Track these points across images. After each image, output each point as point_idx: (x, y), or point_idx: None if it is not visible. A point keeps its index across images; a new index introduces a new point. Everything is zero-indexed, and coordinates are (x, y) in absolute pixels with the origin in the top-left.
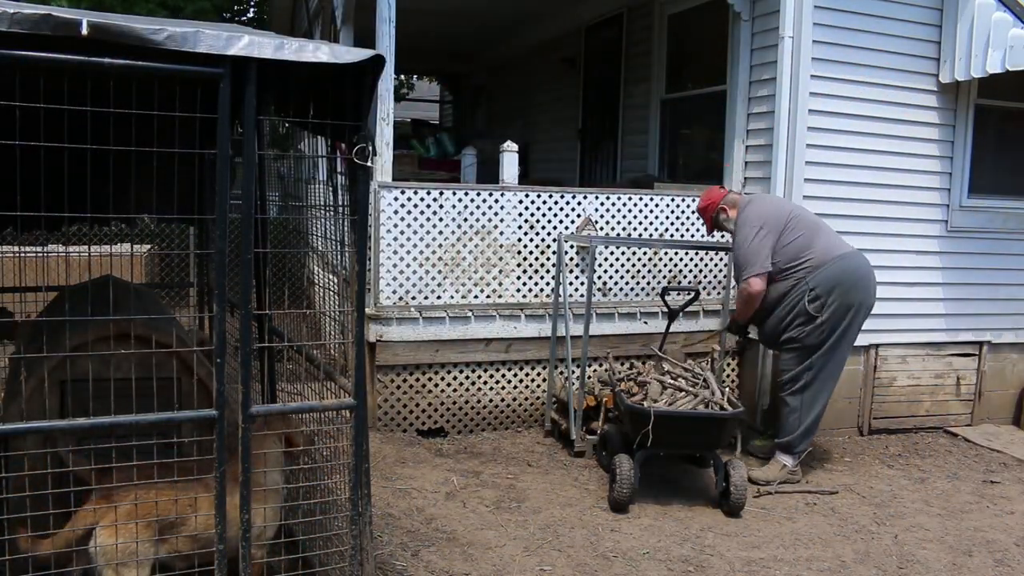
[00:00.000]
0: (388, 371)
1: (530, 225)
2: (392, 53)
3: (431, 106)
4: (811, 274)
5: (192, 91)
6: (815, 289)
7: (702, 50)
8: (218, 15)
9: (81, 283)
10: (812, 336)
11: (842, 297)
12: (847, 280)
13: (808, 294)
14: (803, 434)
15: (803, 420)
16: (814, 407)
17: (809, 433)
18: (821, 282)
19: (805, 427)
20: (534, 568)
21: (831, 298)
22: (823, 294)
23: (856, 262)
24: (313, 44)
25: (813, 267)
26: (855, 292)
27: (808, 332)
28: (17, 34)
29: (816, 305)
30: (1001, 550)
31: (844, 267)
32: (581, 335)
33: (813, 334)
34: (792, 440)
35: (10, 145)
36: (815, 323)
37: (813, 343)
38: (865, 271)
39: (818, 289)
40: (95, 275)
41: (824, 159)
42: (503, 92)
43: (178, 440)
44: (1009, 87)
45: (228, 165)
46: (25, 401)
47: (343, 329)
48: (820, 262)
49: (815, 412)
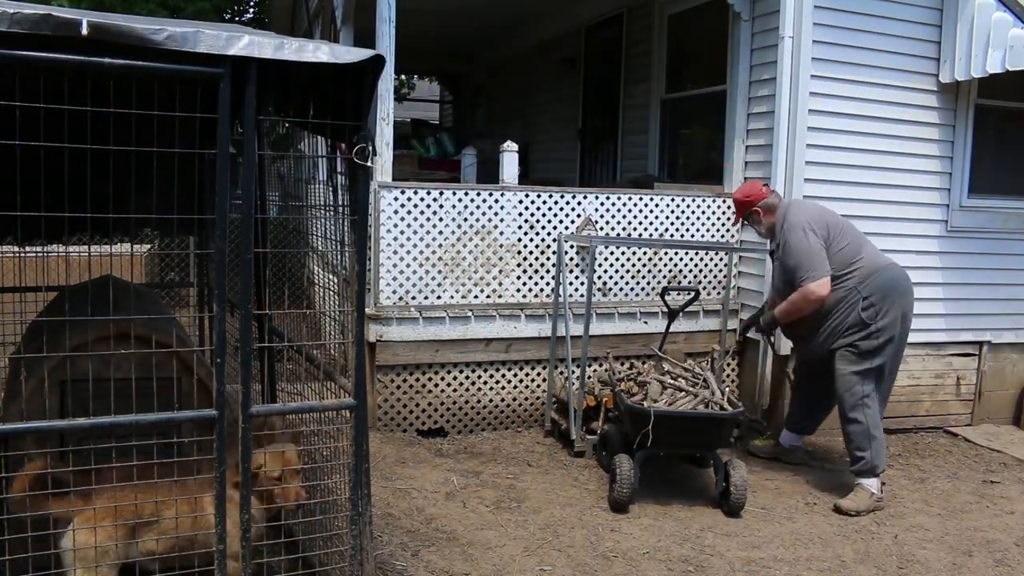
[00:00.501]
0: (388, 371)
1: (530, 225)
2: (392, 53)
3: (431, 106)
4: (863, 282)
5: (192, 91)
6: (868, 297)
7: (702, 50)
8: (218, 15)
9: (81, 283)
10: (868, 344)
11: (894, 307)
12: (897, 290)
13: (862, 302)
14: (878, 451)
15: (874, 434)
16: (875, 420)
17: (881, 451)
18: (875, 290)
19: (878, 443)
20: (534, 568)
21: (884, 306)
22: (877, 302)
23: (902, 272)
24: (313, 44)
25: (865, 275)
26: (904, 301)
27: (864, 342)
28: (17, 34)
29: (870, 313)
30: (1001, 550)
31: (894, 276)
32: (581, 335)
33: (867, 343)
34: (869, 463)
35: (10, 145)
36: (869, 330)
37: (869, 351)
38: (909, 281)
39: (872, 297)
40: (95, 275)
41: (824, 159)
42: (503, 92)
43: (178, 440)
44: (1009, 87)
45: (228, 165)
46: (25, 401)
47: (343, 329)
48: (870, 271)
49: (878, 424)
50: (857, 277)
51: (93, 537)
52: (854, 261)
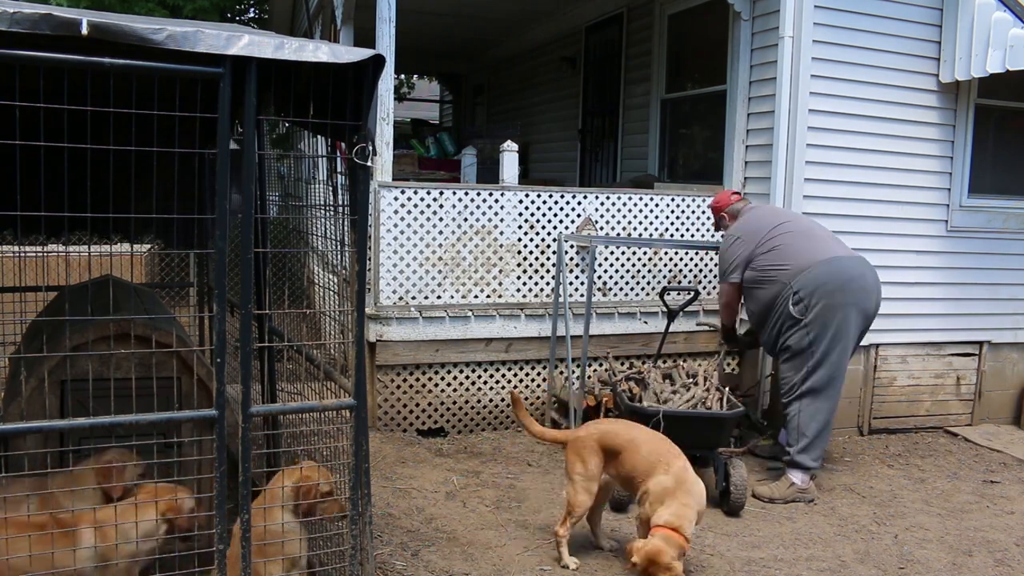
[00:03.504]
0: (388, 371)
1: (530, 225)
2: (392, 53)
3: (431, 106)
4: (794, 278)
5: (192, 91)
6: (798, 292)
7: (702, 50)
8: (218, 15)
9: (81, 283)
10: (801, 340)
11: (828, 298)
12: (833, 281)
13: (792, 297)
14: (808, 447)
15: (805, 431)
16: (815, 417)
17: (814, 446)
18: (804, 284)
19: (809, 439)
20: (534, 568)
21: (814, 299)
22: (806, 296)
23: (845, 264)
24: (313, 44)
25: (796, 271)
26: (843, 294)
27: (797, 337)
28: (17, 34)
29: (800, 308)
30: (1001, 550)
31: (831, 269)
32: (581, 335)
33: (801, 338)
34: (797, 456)
35: (10, 145)
36: (801, 325)
37: (803, 347)
38: (856, 273)
39: (801, 292)
40: (95, 275)
41: (824, 159)
42: (503, 92)
43: (178, 440)
44: (1009, 87)
45: (228, 165)
46: (25, 401)
47: (343, 329)
48: (804, 266)
49: (817, 422)
50: (788, 273)
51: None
52: (787, 258)
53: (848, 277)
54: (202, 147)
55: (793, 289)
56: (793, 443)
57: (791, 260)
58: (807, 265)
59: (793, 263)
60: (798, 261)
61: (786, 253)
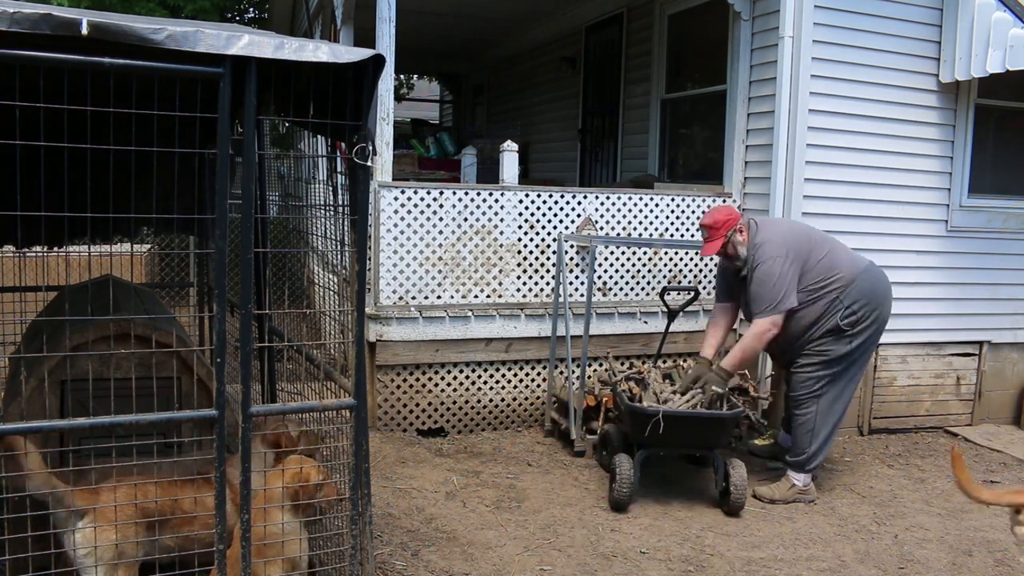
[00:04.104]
0: (388, 371)
1: (530, 225)
2: (392, 53)
3: (431, 106)
4: (844, 292)
5: (192, 91)
6: (851, 306)
7: (702, 50)
8: (218, 15)
9: (81, 283)
10: (838, 348)
11: (878, 309)
12: (878, 291)
13: (843, 311)
14: (816, 452)
15: (817, 435)
16: (828, 422)
17: (822, 451)
18: (856, 297)
19: (819, 443)
20: (534, 568)
21: (865, 311)
22: (859, 308)
23: (878, 273)
24: (313, 43)
25: (845, 284)
26: (884, 303)
27: (838, 345)
28: (17, 33)
29: (850, 320)
30: (1001, 550)
31: (872, 279)
32: (581, 335)
33: (843, 346)
34: (804, 458)
35: (10, 145)
36: (846, 336)
37: (841, 355)
38: (887, 283)
39: (854, 305)
40: (95, 275)
41: (824, 159)
42: (503, 92)
43: (178, 440)
44: (1009, 87)
45: (228, 165)
46: (25, 401)
47: (343, 329)
48: (850, 278)
49: (829, 427)
50: (838, 288)
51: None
52: (833, 271)
53: (885, 286)
54: (202, 147)
55: (844, 304)
56: (804, 446)
57: (835, 273)
58: (852, 277)
59: (838, 275)
60: (842, 274)
61: (828, 266)
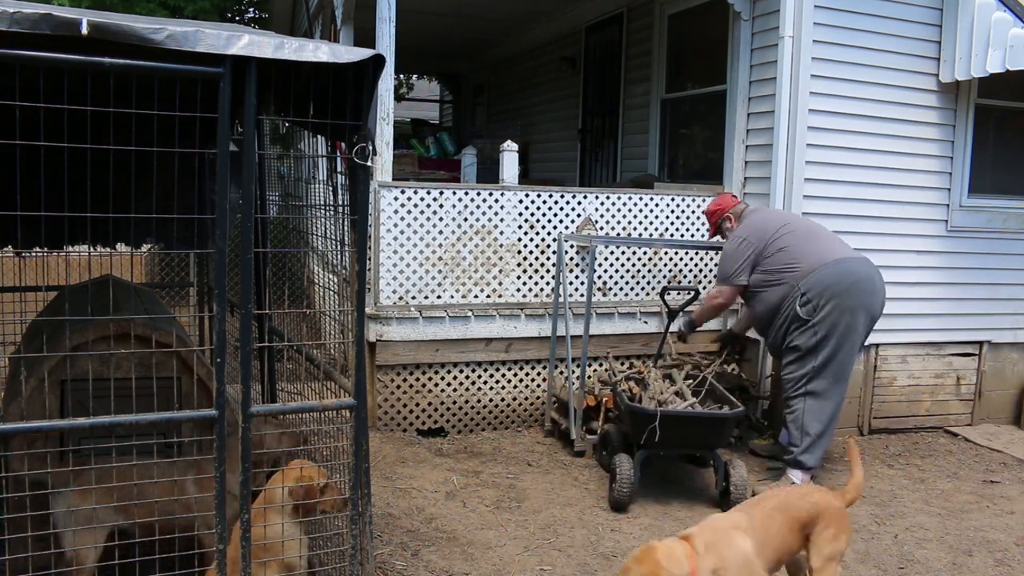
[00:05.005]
0: (388, 371)
1: (530, 225)
2: (392, 53)
3: (431, 106)
4: (802, 279)
5: (192, 91)
6: (806, 293)
7: (702, 50)
8: (219, 15)
9: (81, 283)
10: (808, 340)
11: (836, 299)
12: (842, 282)
13: (800, 298)
14: (809, 447)
15: (808, 430)
16: (819, 416)
17: (816, 446)
18: (813, 285)
19: (812, 439)
20: (534, 568)
21: (822, 300)
22: (814, 297)
23: (853, 266)
24: (313, 43)
25: (804, 272)
26: (850, 295)
27: (805, 337)
28: (17, 33)
29: (808, 308)
30: (1001, 550)
31: (838, 271)
32: (581, 335)
33: (809, 338)
34: (795, 455)
35: (10, 145)
36: (808, 326)
37: (810, 347)
38: (863, 275)
39: (809, 293)
40: (95, 275)
41: (824, 159)
42: (503, 92)
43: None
44: (1009, 87)
45: (228, 164)
46: (25, 401)
47: (343, 329)
48: (812, 267)
49: (820, 422)
50: (796, 275)
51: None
52: (795, 260)
53: (856, 279)
54: (202, 147)
55: (801, 291)
56: (796, 442)
57: (799, 262)
58: (815, 266)
59: (801, 265)
60: (806, 262)
61: (793, 255)
